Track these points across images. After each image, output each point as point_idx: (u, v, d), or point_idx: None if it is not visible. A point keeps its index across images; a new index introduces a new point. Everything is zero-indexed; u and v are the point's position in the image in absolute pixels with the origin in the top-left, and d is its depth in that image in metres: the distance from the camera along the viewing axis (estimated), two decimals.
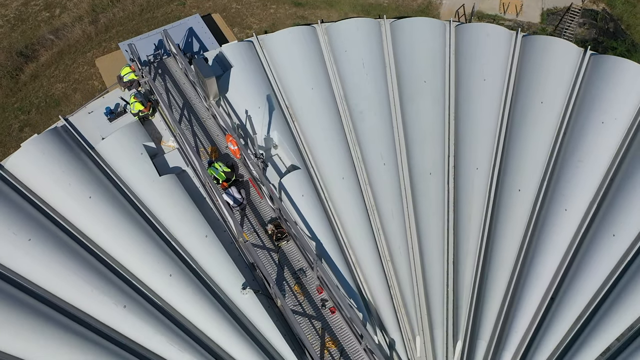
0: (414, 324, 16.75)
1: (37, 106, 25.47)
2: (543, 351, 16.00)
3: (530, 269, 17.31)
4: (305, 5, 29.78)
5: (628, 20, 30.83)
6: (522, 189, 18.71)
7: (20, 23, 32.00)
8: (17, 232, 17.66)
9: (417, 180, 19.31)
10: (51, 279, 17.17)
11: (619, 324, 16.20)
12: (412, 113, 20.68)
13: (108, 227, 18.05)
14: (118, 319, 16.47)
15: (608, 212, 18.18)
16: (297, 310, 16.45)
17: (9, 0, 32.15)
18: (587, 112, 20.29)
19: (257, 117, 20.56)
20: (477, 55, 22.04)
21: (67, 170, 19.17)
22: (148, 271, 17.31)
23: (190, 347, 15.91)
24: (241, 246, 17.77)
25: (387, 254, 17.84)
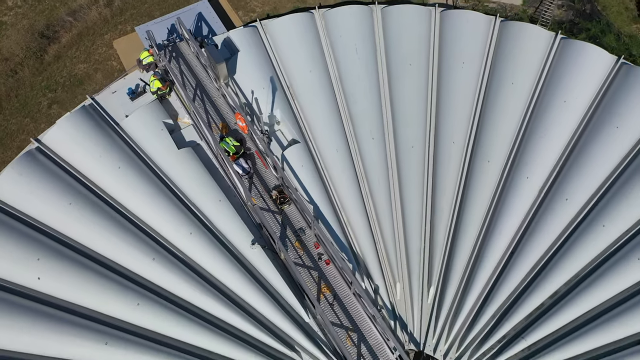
0: (395, 273, 19.89)
1: (63, 85, 28.10)
2: (502, 294, 19.15)
3: (494, 228, 20.31)
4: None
5: (604, 2, 32.98)
6: (491, 160, 21.54)
7: (37, 3, 34.14)
8: (59, 197, 20.71)
9: (401, 152, 22.12)
10: (89, 236, 20.20)
11: (566, 273, 19.34)
12: (399, 93, 23.33)
13: (136, 193, 21.02)
14: (148, 270, 19.60)
15: (564, 180, 21.07)
16: (298, 262, 19.56)
17: None
18: (552, 92, 22.97)
19: (262, 97, 23.28)
20: (458, 40, 24.51)
21: (98, 144, 21.99)
22: (171, 230, 20.36)
23: (209, 292, 19.07)
24: (250, 209, 20.78)
25: (374, 215, 20.83)
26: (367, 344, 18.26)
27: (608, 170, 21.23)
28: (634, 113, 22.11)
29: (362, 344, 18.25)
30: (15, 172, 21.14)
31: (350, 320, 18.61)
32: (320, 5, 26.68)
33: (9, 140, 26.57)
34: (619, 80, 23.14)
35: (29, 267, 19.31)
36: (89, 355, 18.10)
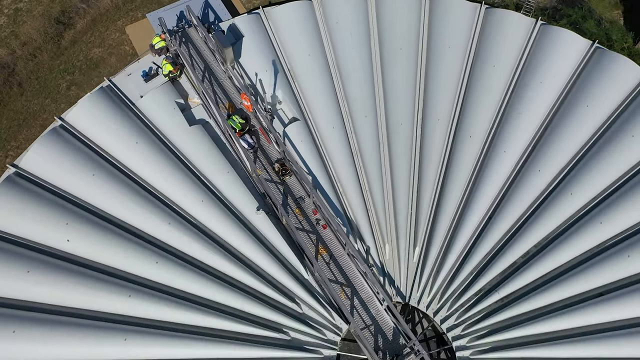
0: (385, 235, 22.20)
1: (80, 68, 30.15)
2: (479, 254, 21.48)
3: (474, 196, 22.56)
4: None
5: None
6: (472, 136, 23.71)
7: None
8: (83, 169, 22.96)
9: (392, 129, 24.28)
10: (111, 204, 22.44)
11: (537, 235, 21.63)
12: (390, 75, 25.39)
13: (152, 165, 23.22)
14: (164, 233, 21.89)
15: (538, 154, 23.27)
16: (298, 227, 21.85)
17: None
18: (530, 74, 25.00)
19: (265, 79, 25.38)
20: (445, 26, 26.47)
21: (116, 122, 24.14)
22: (184, 198, 22.62)
23: (219, 252, 21.41)
24: (255, 179, 23.03)
25: (366, 184, 23.06)
26: (359, 297, 20.66)
27: (578, 145, 23.42)
28: (604, 93, 24.22)
29: (355, 297, 20.65)
30: (43, 147, 23.35)
31: (344, 277, 20.98)
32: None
33: (32, 119, 28.71)
34: (592, 63, 25.20)
35: (59, 231, 21.64)
36: (114, 307, 20.51)
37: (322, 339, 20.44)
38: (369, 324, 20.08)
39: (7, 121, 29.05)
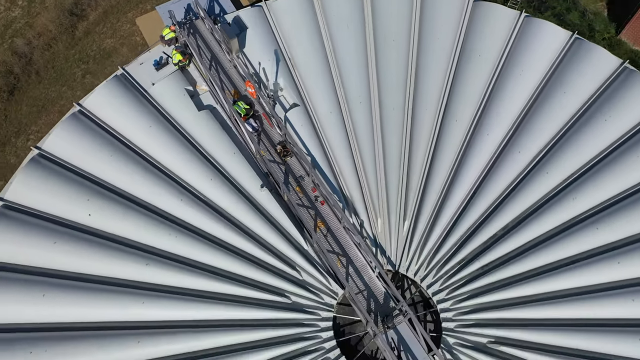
0: (377, 210, 24.26)
1: (93, 57, 32.02)
2: (463, 227, 23.55)
3: (459, 175, 24.54)
4: None
5: None
6: (458, 120, 25.66)
7: None
8: (102, 151, 24.98)
9: (384, 114, 26.20)
10: (127, 182, 24.47)
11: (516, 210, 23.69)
12: (383, 65, 27.24)
13: (164, 147, 25.20)
14: (177, 208, 23.91)
15: (518, 136, 25.24)
16: (298, 203, 23.91)
17: None
18: (513, 63, 26.87)
19: (268, 67, 27.29)
20: (435, 18, 28.24)
21: (131, 107, 26.09)
22: (194, 177, 24.61)
23: (227, 225, 23.48)
24: (258, 160, 25.09)
25: (360, 164, 25.00)
26: (353, 266, 22.79)
27: (555, 129, 25.42)
28: (581, 81, 26.17)
29: (350, 266, 22.77)
30: (64, 131, 25.35)
31: (340, 247, 23.08)
32: None
33: (50, 105, 30.62)
34: (571, 53, 27.08)
35: (80, 206, 23.73)
36: (133, 274, 22.66)
37: (320, 303, 22.61)
38: (362, 289, 22.22)
39: (27, 107, 30.99)
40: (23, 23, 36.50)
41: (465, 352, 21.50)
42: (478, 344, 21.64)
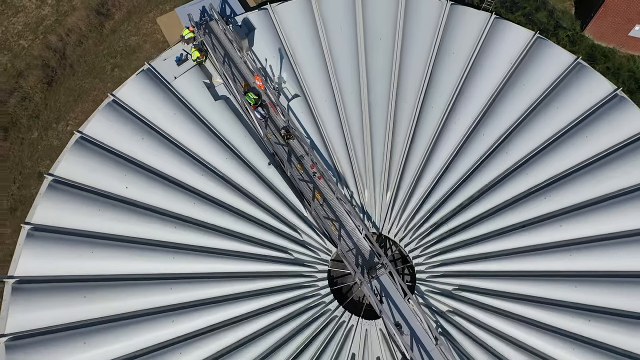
0: (364, 183, 28.76)
1: (120, 53, 36.22)
2: (435, 197, 28.01)
3: (433, 154, 28.83)
4: None
5: None
6: (434, 107, 29.98)
7: None
8: (134, 134, 29.47)
9: (372, 102, 30.33)
10: (156, 160, 28.92)
11: (480, 183, 28.26)
12: (371, 60, 31.52)
13: (187, 131, 29.62)
14: (198, 182, 28.38)
15: (484, 122, 29.59)
16: (299, 178, 28.44)
17: None
18: (482, 60, 31.17)
19: (273, 63, 31.53)
20: (417, 20, 32.35)
21: (157, 97, 30.45)
22: (212, 156, 28.97)
23: (240, 195, 28.04)
24: (266, 142, 29.57)
25: (352, 145, 29.23)
26: (344, 229, 27.40)
27: (515, 116, 29.70)
28: (538, 75, 30.46)
29: (342, 229, 27.38)
30: (102, 117, 29.82)
31: (333, 214, 27.68)
32: None
33: (85, 95, 34.93)
34: (533, 50, 31.35)
35: (119, 181, 28.25)
36: (164, 236, 27.27)
37: (317, 258, 27.33)
38: (352, 248, 26.89)
39: (64, 97, 35.32)
40: (53, 20, 40.60)
41: (435, 297, 26.28)
42: (445, 290, 26.41)
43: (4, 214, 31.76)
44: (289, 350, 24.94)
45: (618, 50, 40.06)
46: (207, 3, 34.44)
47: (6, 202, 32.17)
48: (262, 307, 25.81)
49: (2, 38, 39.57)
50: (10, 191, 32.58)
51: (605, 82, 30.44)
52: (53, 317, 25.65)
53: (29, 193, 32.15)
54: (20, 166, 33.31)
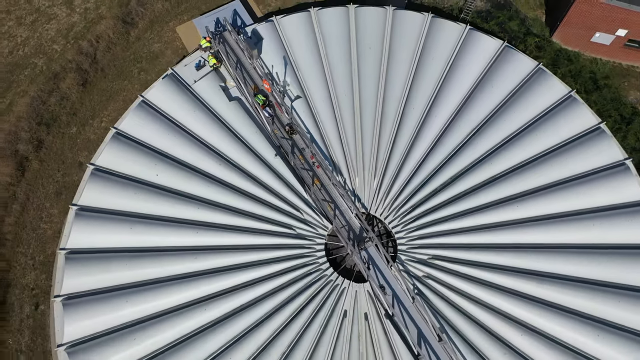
0: (355, 171, 33.45)
1: (145, 58, 40.93)
2: (415, 182, 32.96)
3: (414, 146, 33.75)
4: None
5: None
6: (414, 108, 34.87)
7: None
8: (161, 129, 34.42)
9: (363, 104, 34.79)
10: (180, 152, 33.89)
11: (450, 172, 33.29)
12: (363, 67, 35.98)
13: (206, 127, 34.36)
14: (216, 170, 33.24)
15: (457, 118, 34.35)
16: (301, 167, 33.43)
17: None
18: (456, 67, 35.98)
19: (278, 69, 36.33)
20: (402, 32, 36.82)
21: (180, 98, 35.23)
22: (228, 148, 33.58)
23: (252, 181, 32.98)
24: (273, 136, 34.55)
25: (345, 138, 33.92)
26: (339, 209, 32.38)
27: (484, 114, 34.53)
28: (504, 79, 35.36)
29: (336, 209, 32.48)
30: (134, 115, 34.72)
31: (330, 197, 32.67)
32: (315, 3, 39.44)
33: (115, 96, 39.73)
34: (500, 58, 36.20)
35: (150, 169, 33.10)
36: (190, 214, 32.07)
37: (316, 233, 32.40)
38: (345, 225, 31.97)
39: (97, 96, 40.11)
40: (82, 27, 45.17)
41: (413, 265, 31.43)
42: (421, 259, 31.51)
43: (51, 198, 36.84)
44: (295, 305, 30.14)
45: (582, 53, 44.75)
46: (220, 15, 39.27)
47: (52, 188, 37.21)
48: (272, 273, 30.97)
49: (37, 43, 44.23)
50: (55, 178, 37.58)
51: (561, 85, 35.39)
52: (99, 281, 30.79)
53: (71, 180, 37.12)
54: (62, 157, 38.25)
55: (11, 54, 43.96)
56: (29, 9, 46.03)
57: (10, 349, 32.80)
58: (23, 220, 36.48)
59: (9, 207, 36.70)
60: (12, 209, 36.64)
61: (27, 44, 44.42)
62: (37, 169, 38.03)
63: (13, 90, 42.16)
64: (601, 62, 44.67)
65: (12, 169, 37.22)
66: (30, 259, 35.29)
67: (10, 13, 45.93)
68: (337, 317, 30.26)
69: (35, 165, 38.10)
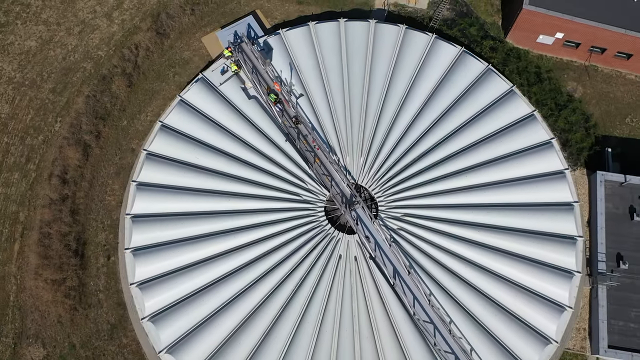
0: (347, 151, 42.48)
1: (178, 63, 49.81)
2: (392, 159, 42.67)
3: (390, 134, 43.28)
4: (303, 3, 53.05)
5: (474, 4, 54.18)
6: (391, 104, 44.38)
7: (140, 6, 54.80)
8: (196, 123, 43.95)
9: (352, 101, 43.58)
10: (211, 138, 43.58)
11: (420, 149, 43.09)
12: (351, 70, 44.62)
13: (230, 120, 43.51)
14: (240, 151, 43.12)
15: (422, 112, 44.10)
16: (305, 149, 43.18)
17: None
18: (423, 71, 45.36)
19: (285, 73, 45.62)
20: (382, 42, 45.94)
21: (210, 97, 44.49)
22: (248, 135, 42.54)
23: (268, 160, 42.67)
24: (282, 126, 44.17)
25: (338, 127, 43.07)
26: (334, 181, 41.92)
27: (442, 108, 43.97)
28: (459, 78, 44.65)
29: (332, 181, 42.12)
30: (175, 111, 44.14)
31: (327, 171, 42.28)
32: (313, 17, 48.64)
33: (156, 95, 48.70)
34: (458, 62, 45.47)
35: (190, 153, 42.21)
36: (224, 186, 41.70)
37: (317, 199, 41.91)
38: (339, 192, 41.83)
39: (141, 95, 49.19)
40: (120, 35, 53.91)
41: (390, 221, 41.11)
42: (395, 216, 41.48)
43: (112, 176, 46.39)
44: (304, 250, 39.77)
45: (531, 51, 53.78)
46: (238, 28, 48.11)
47: (112, 168, 46.66)
48: (286, 228, 40.57)
49: (84, 50, 52.92)
50: (114, 161, 46.99)
51: (504, 82, 44.89)
52: (159, 236, 40.63)
53: (127, 162, 46.48)
54: (118, 144, 47.54)
55: (64, 60, 52.80)
56: (76, 21, 54.61)
57: (92, 289, 43.11)
58: (91, 194, 46.13)
59: (79, 184, 46.33)
60: (81, 185, 46.23)
61: (76, 50, 53.17)
62: (98, 154, 47.53)
63: (69, 90, 51.17)
64: (546, 58, 53.69)
65: (80, 154, 46.62)
66: (100, 223, 45.07)
67: (60, 25, 54.62)
68: (335, 259, 40.33)
69: (96, 151, 47.57)
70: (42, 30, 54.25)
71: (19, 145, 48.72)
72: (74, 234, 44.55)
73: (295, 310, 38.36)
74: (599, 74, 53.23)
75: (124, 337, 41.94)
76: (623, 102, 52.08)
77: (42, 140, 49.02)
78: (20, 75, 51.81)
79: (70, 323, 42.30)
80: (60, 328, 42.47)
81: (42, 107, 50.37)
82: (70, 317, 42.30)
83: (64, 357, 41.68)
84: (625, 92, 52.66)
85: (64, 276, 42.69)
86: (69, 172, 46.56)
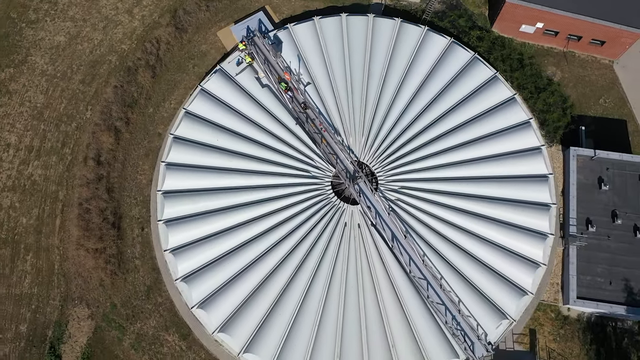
0: (349, 133, 47.21)
1: (197, 56, 54.66)
2: (389, 139, 47.80)
3: (388, 117, 48.42)
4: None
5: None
6: (388, 91, 49.73)
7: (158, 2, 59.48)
8: (217, 110, 49.18)
9: (354, 88, 47.98)
10: (230, 123, 48.78)
11: (411, 132, 48.47)
12: (353, 61, 49.23)
13: (246, 106, 48.51)
14: (256, 134, 48.09)
15: (415, 99, 49.20)
16: (313, 131, 48.49)
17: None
18: (416, 61, 50.48)
19: (294, 64, 50.45)
20: (380, 36, 50.41)
21: (228, 86, 49.68)
22: (262, 119, 47.30)
23: (279, 141, 47.70)
24: (292, 111, 49.42)
25: (342, 111, 48.15)
26: (339, 159, 47.12)
27: (432, 94, 48.97)
28: (448, 67, 49.52)
29: (337, 159, 47.53)
30: (197, 100, 49.15)
31: (333, 151, 47.42)
32: (317, 11, 53.62)
33: (178, 85, 53.55)
34: (447, 52, 50.40)
35: (212, 136, 46.92)
36: (244, 165, 47.41)
37: (325, 175, 47.05)
38: (343, 169, 47.24)
39: (165, 85, 54.16)
40: (141, 30, 58.72)
41: (388, 192, 46.35)
42: (393, 188, 46.89)
43: (142, 158, 51.73)
44: (314, 219, 44.80)
45: (515, 39, 58.70)
46: (250, 23, 52.98)
47: (142, 151, 51.87)
48: (298, 200, 45.56)
49: (109, 44, 57.72)
50: (143, 144, 52.17)
51: (488, 69, 50.02)
52: (187, 209, 45.89)
53: (155, 145, 51.64)
54: (145, 129, 52.67)
55: (92, 53, 57.47)
56: (100, 17, 59.13)
57: (129, 256, 48.98)
58: (124, 174, 51.48)
59: (112, 165, 51.71)
60: (115, 166, 51.57)
61: (102, 45, 57.82)
62: (128, 138, 52.78)
63: (97, 81, 56.01)
64: (528, 45, 58.41)
65: (112, 138, 51.79)
66: (133, 199, 50.47)
67: (86, 21, 59.17)
68: (341, 226, 45.75)
69: (126, 135, 52.79)
70: (69, 26, 58.69)
71: (54, 132, 53.72)
72: (111, 209, 50.00)
73: (308, 270, 44.02)
74: (576, 59, 58.08)
75: (159, 296, 47.76)
76: (597, 84, 57.11)
77: (75, 127, 54.05)
78: (52, 68, 56.51)
79: (111, 286, 47.99)
80: (102, 291, 48.14)
81: (74, 97, 55.17)
82: (111, 280, 47.99)
83: (107, 315, 47.46)
84: (599, 76, 57.66)
85: (104, 245, 48.27)
86: (102, 155, 51.82)
